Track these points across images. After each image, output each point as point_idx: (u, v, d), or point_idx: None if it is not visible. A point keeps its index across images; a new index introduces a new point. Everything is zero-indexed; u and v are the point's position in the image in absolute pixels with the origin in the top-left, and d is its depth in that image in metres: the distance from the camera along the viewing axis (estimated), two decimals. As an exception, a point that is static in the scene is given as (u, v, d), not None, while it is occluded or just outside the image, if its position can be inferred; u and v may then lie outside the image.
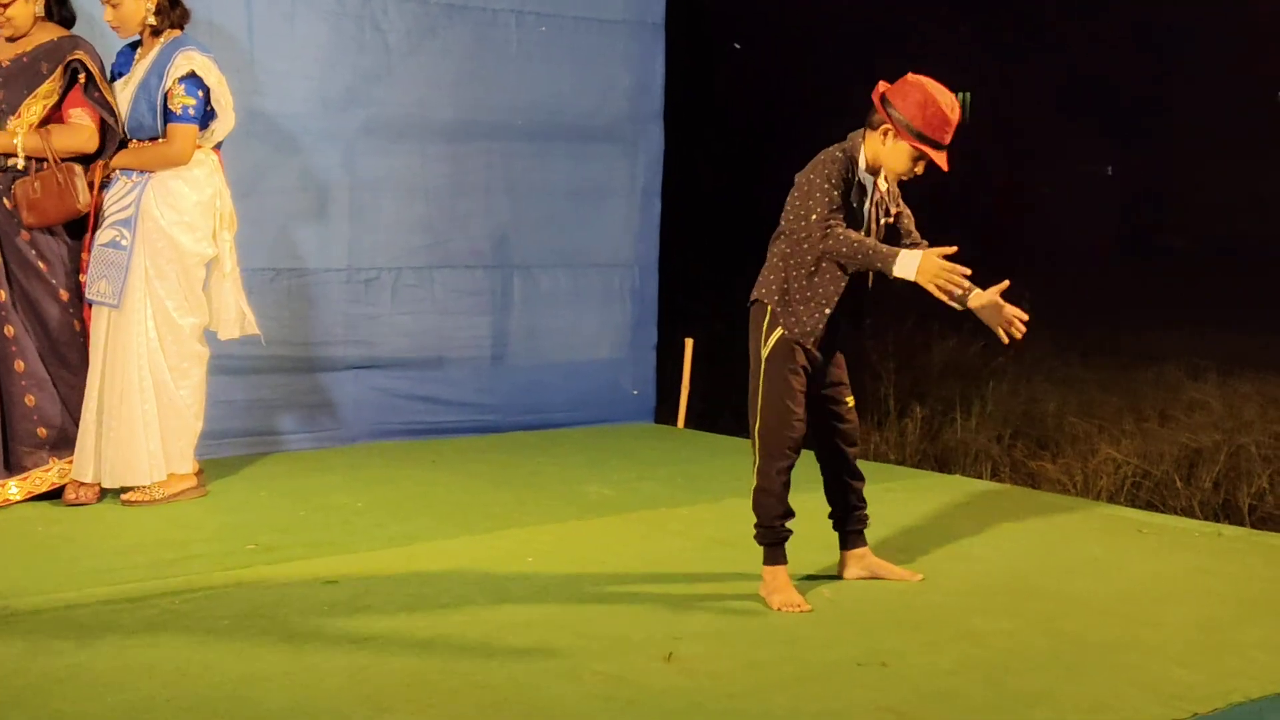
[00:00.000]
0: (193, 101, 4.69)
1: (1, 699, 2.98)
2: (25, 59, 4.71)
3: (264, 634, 3.43)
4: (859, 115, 3.89)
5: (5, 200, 4.68)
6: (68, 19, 4.84)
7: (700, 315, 7.24)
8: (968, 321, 9.45)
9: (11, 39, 4.71)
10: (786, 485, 3.85)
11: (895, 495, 5.29)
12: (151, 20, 4.74)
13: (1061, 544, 4.56)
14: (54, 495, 4.80)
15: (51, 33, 4.77)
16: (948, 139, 3.75)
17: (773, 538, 3.85)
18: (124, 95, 4.77)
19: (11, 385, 4.71)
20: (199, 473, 5.02)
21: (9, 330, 4.70)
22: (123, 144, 4.82)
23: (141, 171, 4.74)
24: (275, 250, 5.77)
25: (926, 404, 7.80)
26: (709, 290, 7.30)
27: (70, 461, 4.81)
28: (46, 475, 4.78)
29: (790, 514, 3.86)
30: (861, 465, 4.12)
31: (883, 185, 3.90)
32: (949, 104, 3.74)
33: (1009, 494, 5.49)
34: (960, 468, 6.68)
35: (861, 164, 3.80)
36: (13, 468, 4.72)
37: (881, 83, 3.81)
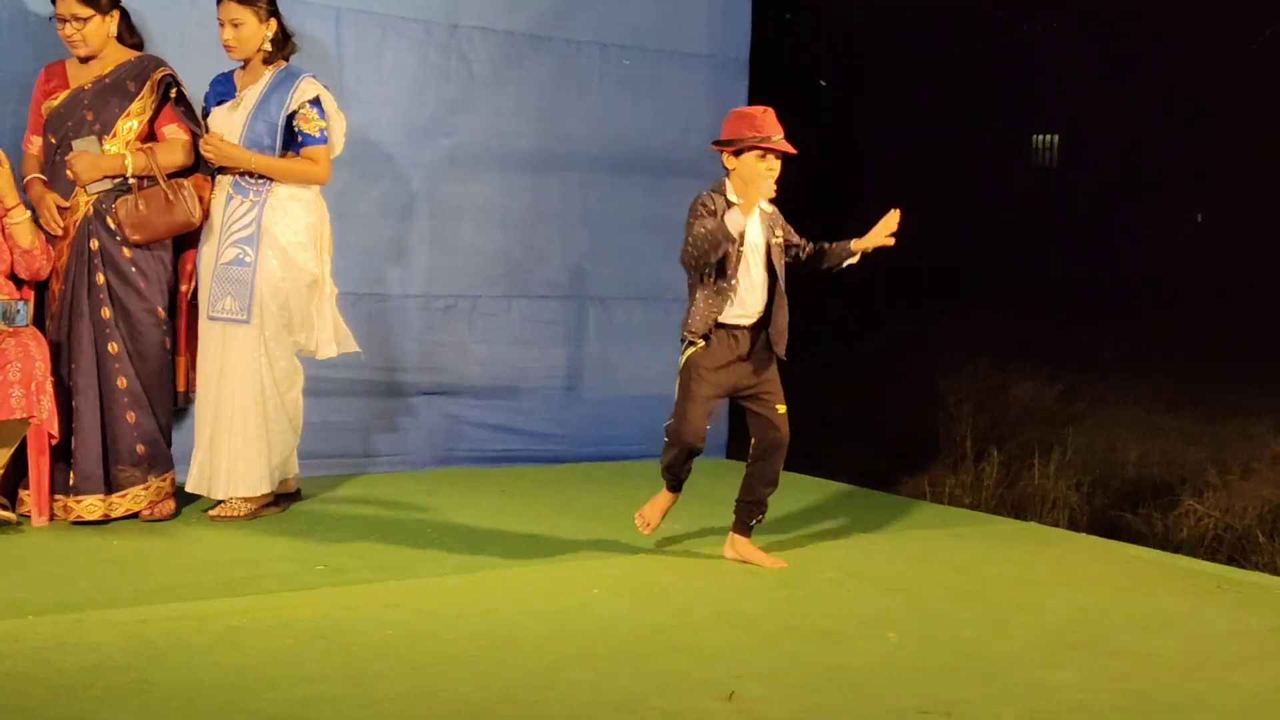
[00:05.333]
0: (325, 124, 4.86)
1: (67, 712, 3.02)
2: (108, 79, 4.82)
3: (327, 656, 3.45)
4: (944, 155, 3.98)
5: (109, 219, 4.79)
6: (138, 45, 4.95)
7: (775, 352, 7.21)
8: (1048, 365, 9.25)
9: (85, 59, 4.82)
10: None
11: (968, 541, 5.22)
12: (267, 47, 4.87)
13: (1137, 597, 4.46)
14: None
15: (126, 53, 4.89)
16: (768, 128, 4.38)
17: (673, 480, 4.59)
18: (234, 118, 4.87)
19: (114, 403, 4.80)
20: (298, 490, 5.16)
21: (113, 347, 4.80)
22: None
23: (258, 191, 4.84)
24: (356, 274, 5.84)
25: (1004, 448, 7.69)
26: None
27: (164, 478, 4.91)
28: (146, 493, 4.86)
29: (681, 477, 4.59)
30: (935, 508, 4.10)
31: (767, 208, 4.50)
32: (750, 109, 4.48)
33: (1085, 543, 5.39)
34: (1037, 515, 6.57)
35: (731, 195, 4.41)
36: (112, 486, 4.80)
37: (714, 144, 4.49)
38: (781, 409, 4.57)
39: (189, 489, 4.92)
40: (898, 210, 4.52)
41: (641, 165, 6.53)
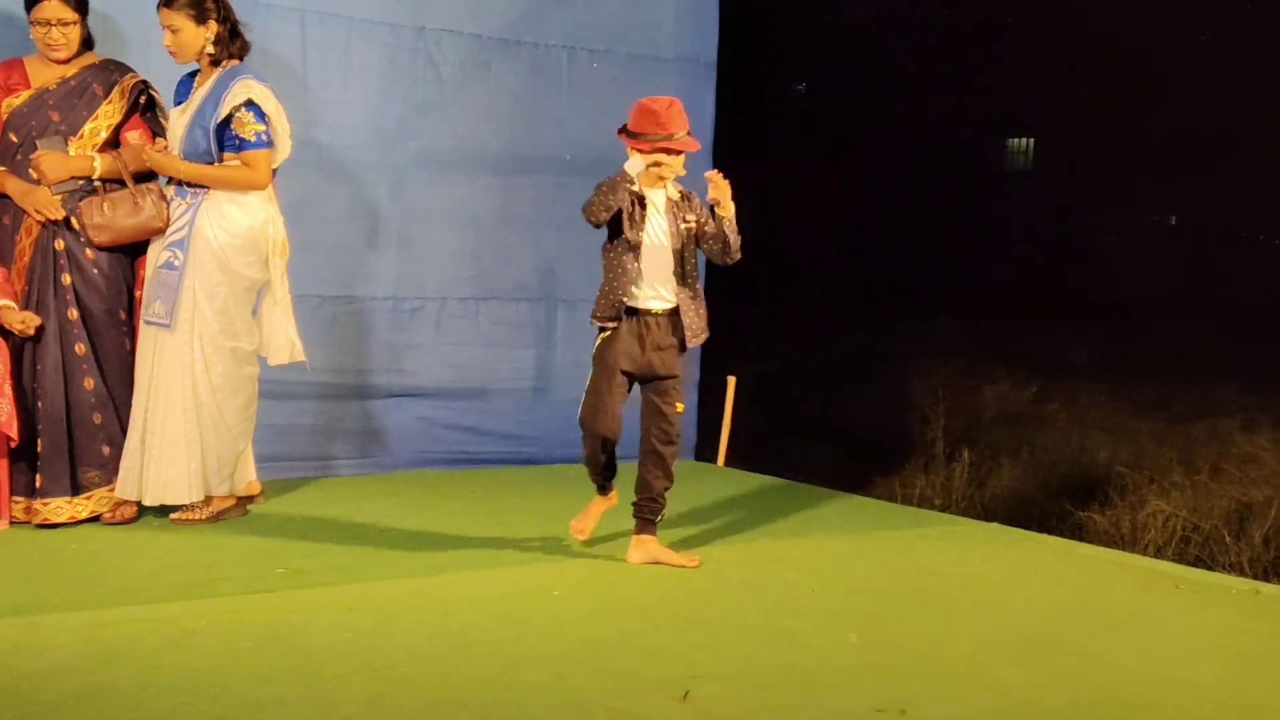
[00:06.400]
0: (263, 127, 4.78)
1: (22, 715, 3.00)
2: (72, 81, 4.83)
3: (284, 658, 3.45)
4: (917, 158, 4.04)
5: (72, 220, 4.78)
6: (92, 44, 4.95)
7: (743, 353, 7.22)
8: (1021, 366, 9.27)
9: (63, 61, 4.82)
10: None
11: (933, 541, 5.25)
12: (210, 50, 4.82)
13: (1096, 597, 4.49)
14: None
15: (90, 57, 4.90)
16: (667, 127, 4.41)
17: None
18: (180, 122, 4.86)
19: (80, 403, 4.80)
20: (260, 493, 5.14)
21: (80, 348, 4.80)
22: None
23: (195, 193, 4.82)
24: (323, 277, 5.84)
25: (975, 450, 7.70)
26: (753, 329, 7.28)
27: None
28: (110, 495, 4.86)
29: (603, 475, 4.64)
30: (902, 509, 4.13)
31: (674, 194, 4.53)
32: (654, 102, 4.46)
33: (1049, 544, 5.42)
34: (1006, 515, 6.59)
35: (635, 186, 4.46)
36: (78, 488, 4.81)
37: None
38: (680, 407, 4.56)
39: (117, 493, 4.86)
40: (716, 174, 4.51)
41: (610, 168, 6.45)
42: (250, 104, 4.76)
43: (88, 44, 4.92)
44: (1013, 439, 7.83)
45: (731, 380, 6.81)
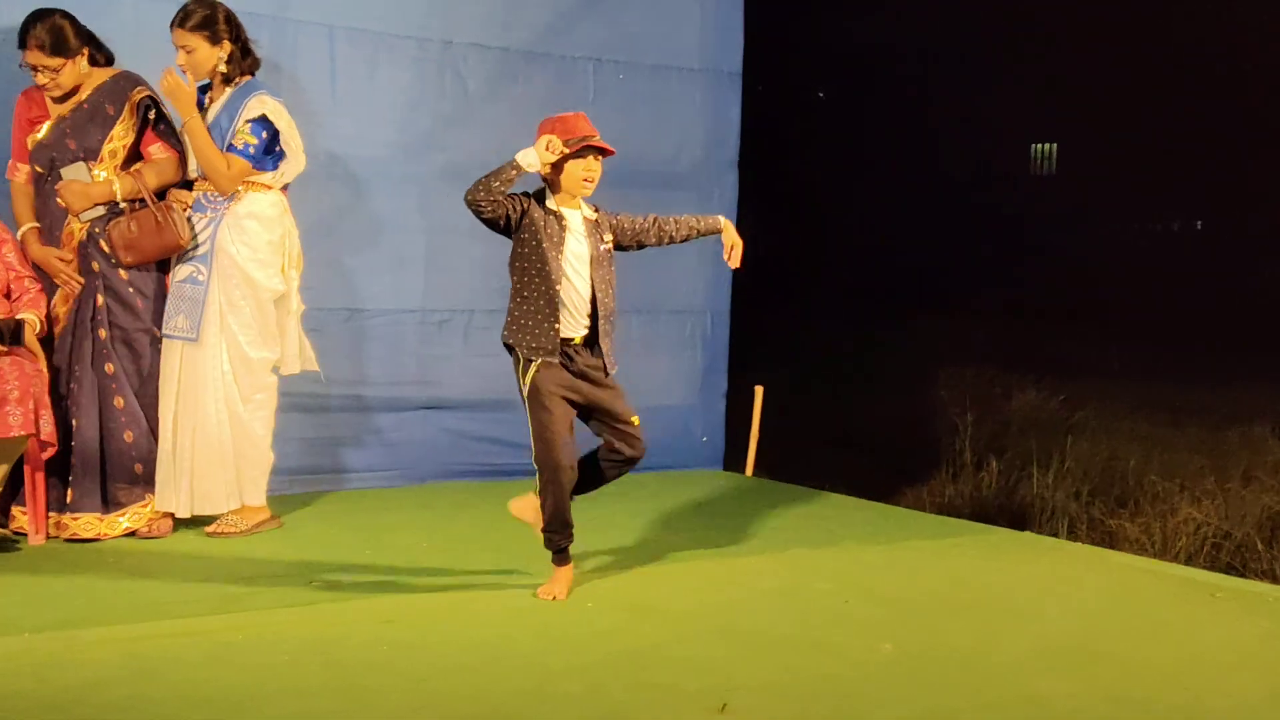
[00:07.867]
0: (254, 141, 4.82)
1: (62, 727, 3.03)
2: (86, 105, 4.83)
3: (321, 671, 3.46)
4: (945, 165, 3.98)
5: (102, 242, 4.81)
6: (109, 59, 4.94)
7: (771, 363, 7.22)
8: (1051, 374, 9.22)
9: (56, 100, 4.82)
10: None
11: (964, 550, 5.22)
12: (223, 68, 4.86)
13: (1132, 606, 4.46)
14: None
15: (101, 75, 4.88)
16: (579, 130, 4.27)
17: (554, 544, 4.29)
18: None
19: (112, 422, 4.83)
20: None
21: (109, 368, 4.82)
22: (188, 184, 4.97)
23: (215, 208, 4.86)
24: (351, 290, 5.86)
25: (1004, 458, 7.69)
26: (780, 338, 7.28)
27: None
28: (144, 510, 4.88)
29: (569, 530, 4.28)
30: (932, 518, 4.09)
31: (589, 215, 4.35)
32: (558, 115, 4.33)
33: (1082, 553, 5.40)
34: (1036, 524, 6.57)
35: (551, 204, 4.28)
36: (110, 504, 4.83)
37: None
38: (636, 421, 4.33)
39: (156, 505, 4.89)
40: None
41: (637, 179, 6.49)
42: (257, 120, 4.81)
43: (109, 61, 4.92)
44: (1041, 446, 7.81)
45: (759, 390, 6.80)
